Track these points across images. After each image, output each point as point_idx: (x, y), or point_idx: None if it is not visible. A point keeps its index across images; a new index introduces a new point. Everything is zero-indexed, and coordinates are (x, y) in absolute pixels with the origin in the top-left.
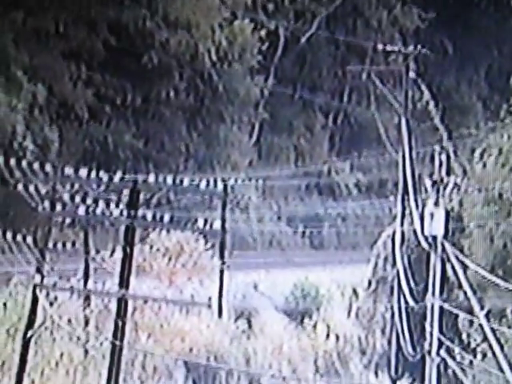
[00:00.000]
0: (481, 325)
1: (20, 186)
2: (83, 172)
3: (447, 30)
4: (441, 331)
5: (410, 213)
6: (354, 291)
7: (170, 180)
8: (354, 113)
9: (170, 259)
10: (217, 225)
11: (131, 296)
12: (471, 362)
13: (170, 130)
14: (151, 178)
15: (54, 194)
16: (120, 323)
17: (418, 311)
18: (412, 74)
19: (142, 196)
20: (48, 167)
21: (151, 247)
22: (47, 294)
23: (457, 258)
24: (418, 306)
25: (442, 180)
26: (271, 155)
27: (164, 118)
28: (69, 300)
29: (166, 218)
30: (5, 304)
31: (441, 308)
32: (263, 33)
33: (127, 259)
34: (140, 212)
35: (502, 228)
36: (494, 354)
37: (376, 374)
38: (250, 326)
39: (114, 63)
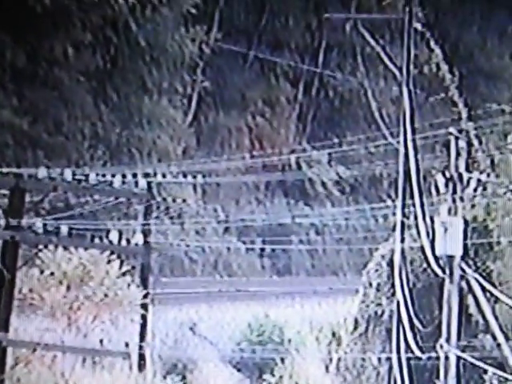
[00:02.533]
0: None
1: None
2: None
3: None
4: None
5: (416, 224)
6: (335, 335)
7: (69, 175)
8: (333, 80)
9: (68, 289)
10: (137, 240)
11: (11, 342)
12: None
13: (68, 103)
14: (41, 173)
15: None
16: None
17: (426, 364)
18: (417, 25)
19: (27, 198)
20: None
21: (42, 272)
22: None
23: (482, 287)
24: (427, 357)
25: (460, 177)
26: (215, 140)
27: (60, 86)
28: None
29: (64, 229)
30: None
31: (459, 360)
32: None
33: (6, 289)
34: (25, 221)
35: None
36: None
37: None
38: None
39: None
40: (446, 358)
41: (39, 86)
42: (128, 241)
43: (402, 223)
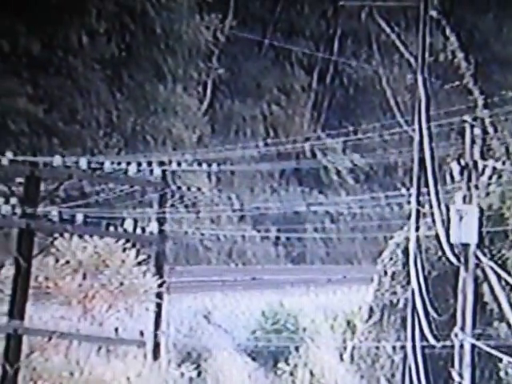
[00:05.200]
0: None
1: None
2: None
3: None
4: (474, 382)
5: (431, 212)
6: (349, 323)
7: (84, 163)
8: (348, 68)
9: (84, 277)
10: (152, 228)
11: (27, 330)
12: None
13: (83, 91)
14: (57, 161)
15: None
16: (10, 370)
17: (441, 352)
18: (433, 13)
19: (43, 186)
20: None
21: (57, 260)
22: None
23: (497, 275)
24: (442, 346)
25: (475, 165)
26: (230, 128)
27: (75, 73)
28: None
29: (79, 218)
30: None
31: (474, 348)
32: None
33: (21, 277)
34: (41, 209)
35: None
36: None
37: None
38: (199, 374)
39: None
40: (461, 346)
41: (54, 74)
42: (143, 229)
43: (417, 211)
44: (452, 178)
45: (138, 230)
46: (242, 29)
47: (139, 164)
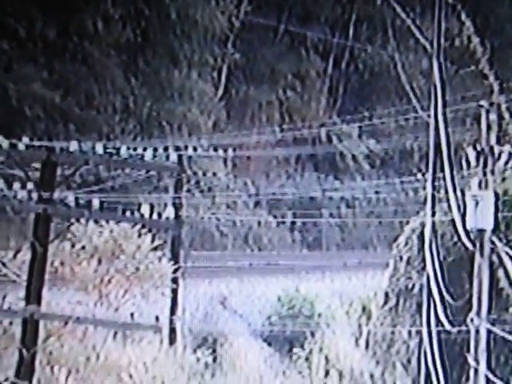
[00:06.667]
0: None
1: None
2: None
3: None
4: (490, 367)
5: (446, 197)
6: (365, 309)
7: (99, 148)
8: (363, 54)
9: (100, 262)
10: (168, 213)
11: (43, 315)
12: None
13: (99, 77)
14: (73, 146)
15: None
16: (27, 355)
17: (456, 338)
18: None
19: (59, 171)
20: None
21: (73, 245)
22: None
23: None
24: (457, 331)
25: (491, 150)
26: (246, 114)
27: (90, 59)
28: None
29: (95, 203)
30: None
31: (489, 333)
32: None
33: (38, 262)
34: (57, 194)
35: None
36: None
37: None
38: (215, 359)
39: None
40: (477, 331)
41: (69, 60)
42: (159, 214)
43: (433, 197)
44: (468, 163)
45: (154, 216)
46: (257, 14)
47: (155, 149)
